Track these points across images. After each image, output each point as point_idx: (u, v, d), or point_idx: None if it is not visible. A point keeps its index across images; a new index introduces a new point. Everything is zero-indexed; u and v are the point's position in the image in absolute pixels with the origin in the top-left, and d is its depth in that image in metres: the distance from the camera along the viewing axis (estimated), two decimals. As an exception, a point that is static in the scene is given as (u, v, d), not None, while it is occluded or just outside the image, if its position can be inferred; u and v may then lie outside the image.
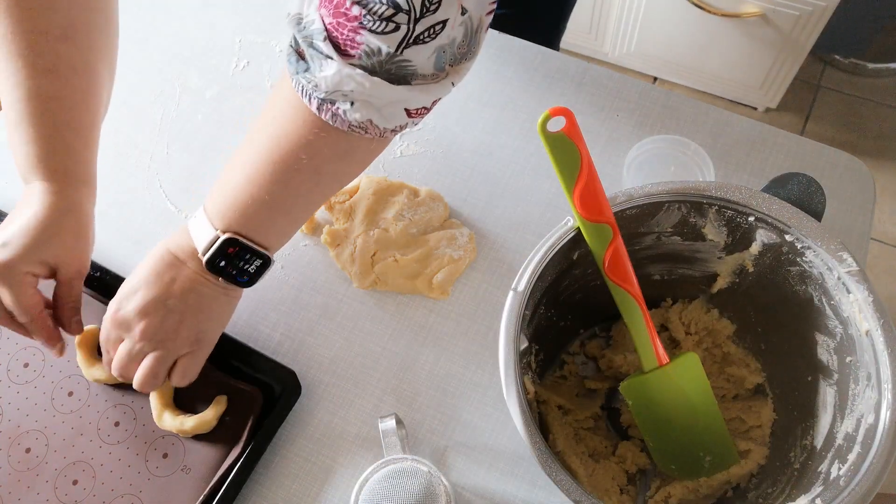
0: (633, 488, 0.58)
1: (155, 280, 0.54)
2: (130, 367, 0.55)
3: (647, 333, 0.52)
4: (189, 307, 0.54)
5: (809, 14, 1.33)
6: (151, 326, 0.53)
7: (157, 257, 0.55)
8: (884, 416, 0.43)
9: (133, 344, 0.54)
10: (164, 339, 0.54)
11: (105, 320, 0.56)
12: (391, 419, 0.53)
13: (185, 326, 0.54)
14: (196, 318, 0.55)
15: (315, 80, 0.45)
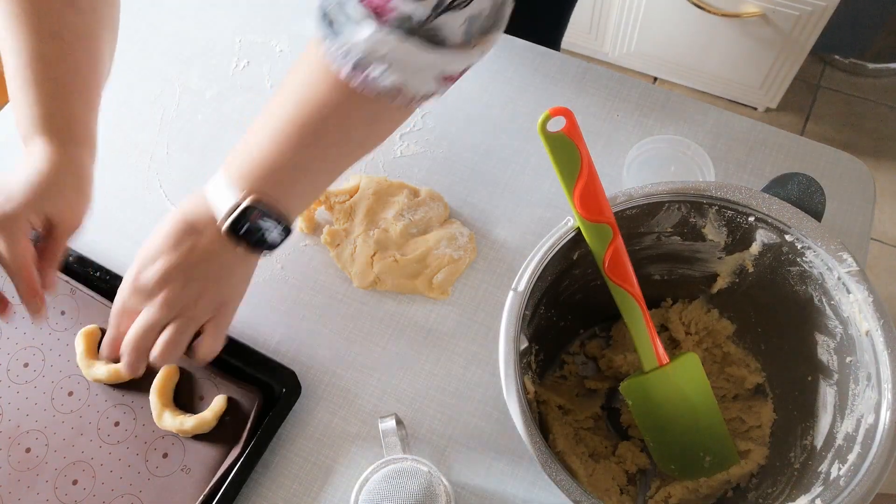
0: (633, 488, 0.58)
1: (174, 248, 0.53)
2: (149, 338, 0.53)
3: (647, 333, 0.52)
4: (210, 275, 0.53)
5: (809, 14, 1.33)
6: (173, 294, 0.52)
7: (174, 225, 0.54)
8: (884, 416, 0.43)
9: (154, 313, 0.53)
10: (186, 308, 0.53)
11: (122, 290, 0.54)
12: (391, 419, 0.53)
13: (207, 295, 0.53)
14: (217, 285, 0.54)
15: (348, 44, 0.45)
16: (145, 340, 0.53)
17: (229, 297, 0.55)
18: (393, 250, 0.65)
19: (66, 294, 0.65)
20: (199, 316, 0.54)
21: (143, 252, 0.54)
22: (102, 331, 0.64)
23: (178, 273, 0.52)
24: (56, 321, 0.65)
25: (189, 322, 0.53)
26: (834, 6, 1.30)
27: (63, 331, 0.64)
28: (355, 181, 0.69)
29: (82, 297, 0.65)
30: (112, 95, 0.79)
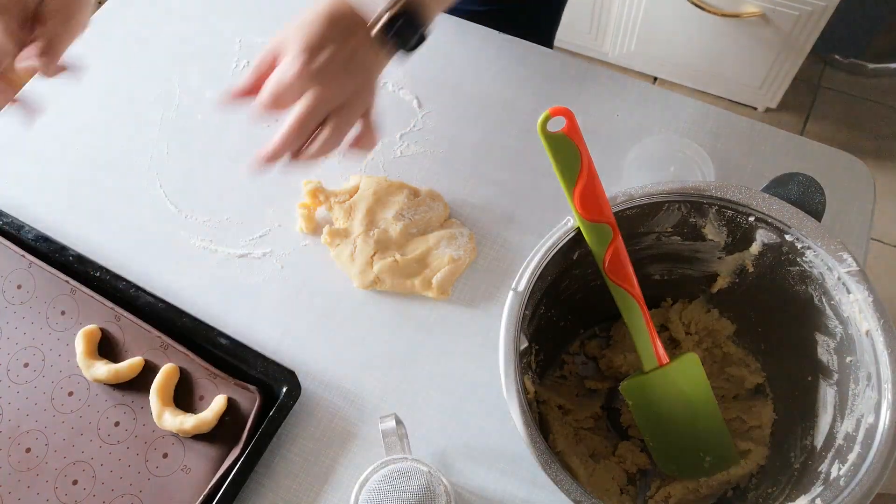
0: (633, 488, 0.58)
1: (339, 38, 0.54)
2: (316, 118, 0.54)
3: (647, 333, 0.52)
4: (364, 64, 0.56)
5: (809, 14, 1.33)
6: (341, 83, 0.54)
7: (330, 15, 0.54)
8: (884, 416, 0.43)
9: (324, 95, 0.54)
10: (347, 99, 0.55)
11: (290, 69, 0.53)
12: (391, 419, 0.53)
13: (364, 89, 0.56)
14: (369, 75, 0.56)
15: None
16: (313, 119, 0.54)
17: (371, 101, 0.58)
18: (393, 250, 0.65)
19: (66, 294, 0.65)
20: (357, 110, 0.56)
21: (302, 38, 0.54)
22: (102, 330, 0.64)
23: (343, 63, 0.54)
24: (56, 321, 0.65)
25: (350, 115, 0.56)
26: (834, 6, 1.30)
27: (63, 331, 0.64)
28: (355, 181, 0.69)
29: (82, 297, 0.65)
30: (112, 95, 0.79)
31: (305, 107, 0.54)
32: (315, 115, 0.54)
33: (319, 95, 0.54)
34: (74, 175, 0.75)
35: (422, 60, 0.76)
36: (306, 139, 0.55)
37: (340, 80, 0.54)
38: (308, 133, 0.55)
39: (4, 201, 0.73)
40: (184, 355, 0.61)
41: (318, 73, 0.54)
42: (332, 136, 0.55)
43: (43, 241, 0.68)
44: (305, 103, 0.54)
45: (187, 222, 0.71)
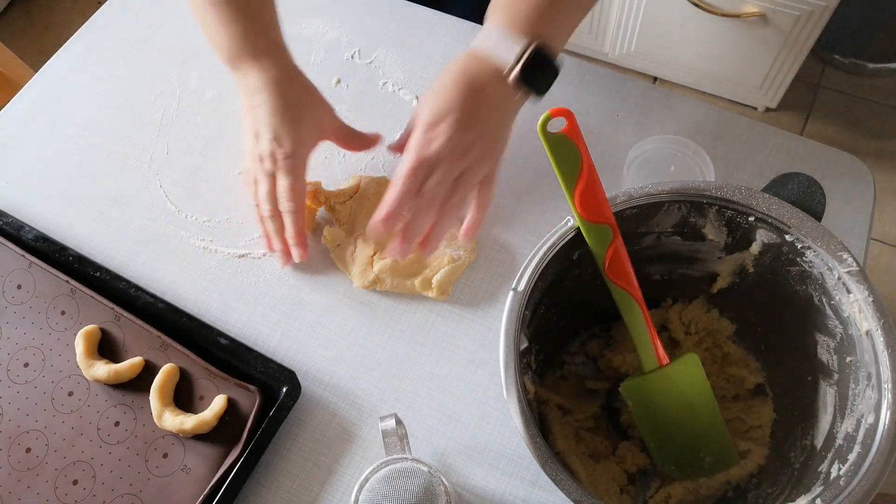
0: (633, 488, 0.58)
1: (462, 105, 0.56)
2: (440, 189, 0.56)
3: (647, 334, 0.52)
4: (492, 129, 0.58)
5: (809, 14, 1.33)
6: (468, 146, 0.56)
7: (456, 86, 0.56)
8: (884, 416, 0.43)
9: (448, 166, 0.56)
10: (477, 160, 0.57)
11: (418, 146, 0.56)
12: (391, 419, 0.53)
13: (490, 147, 0.58)
14: (497, 140, 0.59)
15: None
16: (441, 189, 0.56)
17: (500, 153, 0.60)
18: None
19: (66, 294, 0.65)
20: (485, 167, 0.58)
21: (432, 112, 0.57)
22: (102, 330, 0.64)
23: (470, 126, 0.56)
24: (56, 321, 0.65)
25: (476, 175, 0.58)
26: (834, 6, 1.30)
27: (63, 331, 0.64)
28: (355, 181, 0.69)
29: (82, 297, 0.65)
30: (112, 95, 0.79)
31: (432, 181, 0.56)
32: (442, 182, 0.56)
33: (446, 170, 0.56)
34: (74, 175, 0.75)
35: (422, 60, 0.77)
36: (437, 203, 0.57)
37: (465, 149, 0.56)
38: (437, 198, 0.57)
39: (4, 201, 0.73)
40: (184, 355, 0.61)
41: (443, 146, 0.56)
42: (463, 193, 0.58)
43: (43, 241, 0.68)
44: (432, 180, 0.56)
45: (187, 222, 0.71)
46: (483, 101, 0.57)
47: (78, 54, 0.83)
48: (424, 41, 0.79)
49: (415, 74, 0.77)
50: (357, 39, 0.80)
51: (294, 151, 0.60)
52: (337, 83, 0.78)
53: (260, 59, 0.61)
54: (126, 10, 0.86)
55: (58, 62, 0.83)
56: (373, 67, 0.78)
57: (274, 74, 0.60)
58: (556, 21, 0.57)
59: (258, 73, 0.60)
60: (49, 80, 0.81)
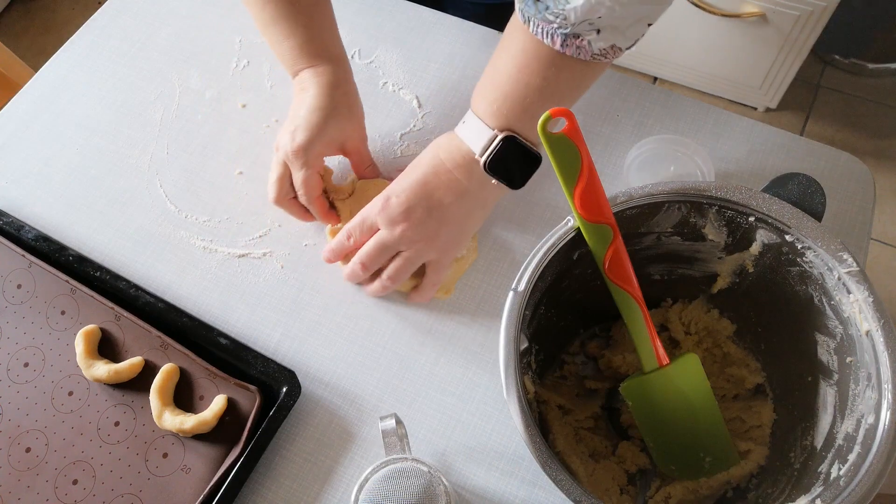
0: (633, 488, 0.58)
1: (422, 185, 0.58)
2: (381, 257, 0.60)
3: (647, 334, 0.52)
4: (450, 216, 0.59)
5: (809, 14, 1.33)
6: (411, 229, 0.58)
7: (428, 163, 0.59)
8: (884, 416, 0.43)
9: (391, 237, 0.59)
10: (419, 242, 0.59)
11: (368, 210, 0.60)
12: (391, 419, 0.53)
13: (441, 234, 0.59)
14: (453, 227, 0.60)
15: (563, 13, 0.49)
16: (378, 257, 0.60)
17: (461, 239, 0.62)
18: None
19: (66, 294, 0.65)
20: (428, 253, 0.60)
21: (396, 183, 0.60)
22: (102, 330, 0.64)
23: (422, 209, 0.58)
24: (56, 321, 0.65)
25: (417, 257, 0.60)
26: (834, 6, 1.30)
27: (63, 331, 0.64)
28: (352, 178, 0.69)
29: (82, 296, 0.65)
30: (112, 95, 0.79)
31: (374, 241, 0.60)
32: (383, 248, 0.60)
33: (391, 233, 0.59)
34: (74, 175, 0.75)
35: (422, 60, 0.77)
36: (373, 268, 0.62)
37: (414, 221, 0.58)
38: (375, 263, 0.61)
39: (4, 201, 0.73)
40: (184, 355, 0.61)
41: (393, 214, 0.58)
42: (399, 268, 0.61)
43: (43, 241, 0.68)
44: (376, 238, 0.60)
45: (187, 222, 0.71)
46: (444, 187, 0.58)
47: (78, 54, 0.83)
48: (424, 41, 0.79)
49: (415, 74, 0.77)
50: (357, 39, 0.80)
51: (304, 147, 0.61)
52: (337, 83, 0.78)
53: (315, 65, 0.64)
54: (126, 10, 0.86)
55: (58, 62, 0.83)
56: (373, 67, 0.78)
57: (324, 79, 0.63)
58: (537, 110, 0.55)
59: (311, 76, 0.64)
60: (49, 80, 0.81)
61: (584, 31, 0.50)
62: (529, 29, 0.53)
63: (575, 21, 0.49)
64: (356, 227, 0.61)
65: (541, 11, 0.50)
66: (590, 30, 0.50)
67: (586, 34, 0.50)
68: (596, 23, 0.49)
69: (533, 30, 0.52)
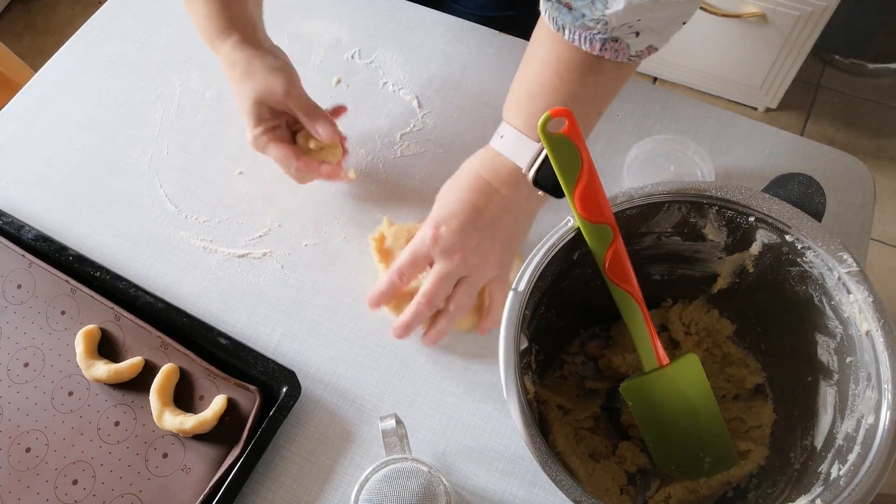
0: (633, 488, 0.58)
1: (471, 208, 0.57)
2: (443, 291, 0.58)
3: (648, 334, 0.52)
4: (502, 230, 0.58)
5: (809, 14, 1.33)
6: (469, 254, 0.57)
7: (471, 184, 0.57)
8: (884, 416, 0.43)
9: (449, 268, 0.57)
10: (478, 265, 0.57)
11: (417, 246, 0.58)
12: (391, 419, 0.53)
13: (496, 251, 0.58)
14: (507, 242, 0.59)
15: (604, 17, 0.49)
16: (441, 291, 0.58)
17: (513, 254, 0.60)
18: None
19: (66, 294, 0.65)
20: (487, 273, 0.59)
21: (439, 209, 0.58)
22: (102, 330, 0.64)
23: (476, 233, 0.57)
24: (56, 321, 0.65)
25: (478, 279, 0.59)
26: (834, 6, 1.30)
27: (63, 331, 0.64)
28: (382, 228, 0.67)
29: (82, 296, 0.65)
30: (112, 95, 0.79)
31: (433, 276, 0.57)
32: (444, 280, 0.57)
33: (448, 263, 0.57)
34: (74, 175, 0.75)
35: (422, 60, 0.77)
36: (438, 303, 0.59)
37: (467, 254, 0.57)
38: (439, 298, 0.58)
39: (4, 201, 0.73)
40: (184, 355, 0.61)
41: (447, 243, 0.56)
42: (467, 293, 0.59)
43: (43, 241, 0.68)
44: (434, 273, 0.58)
45: (187, 222, 0.71)
46: (492, 205, 0.57)
47: (78, 54, 0.83)
48: (424, 41, 0.79)
49: (415, 74, 0.77)
50: (357, 39, 0.80)
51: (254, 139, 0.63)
52: (337, 83, 0.78)
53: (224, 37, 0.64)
54: (126, 10, 0.86)
55: (58, 62, 0.83)
56: (373, 67, 0.78)
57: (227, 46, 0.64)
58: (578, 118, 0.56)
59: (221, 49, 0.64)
60: (49, 80, 0.81)
61: (624, 35, 0.50)
62: (565, 36, 0.52)
63: (616, 25, 0.49)
64: (406, 266, 0.58)
65: (578, 19, 0.50)
66: (629, 33, 0.50)
67: (625, 37, 0.50)
68: (636, 25, 0.49)
69: (569, 37, 0.52)
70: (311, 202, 0.71)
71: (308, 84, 0.78)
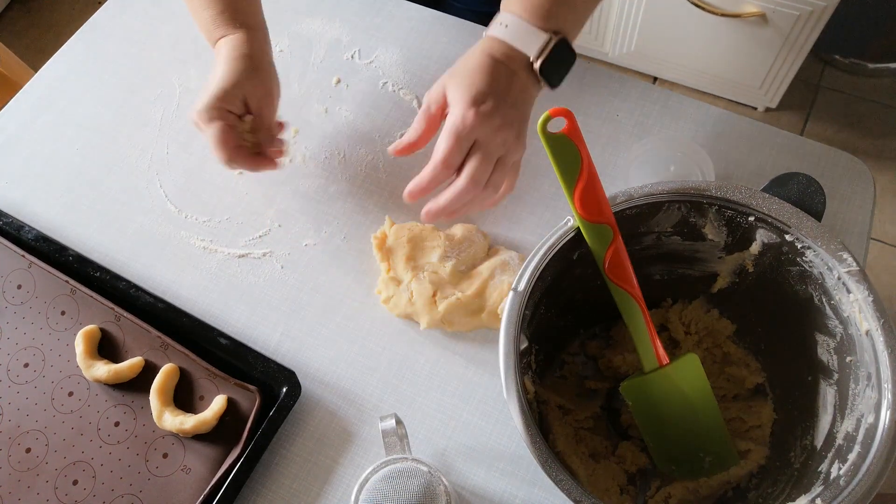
0: (633, 488, 0.58)
1: (502, 89, 0.57)
2: (487, 173, 0.57)
3: (648, 334, 0.52)
4: (523, 114, 0.59)
5: (809, 14, 1.33)
6: (506, 129, 0.57)
7: (494, 67, 0.57)
8: (884, 416, 0.43)
9: (491, 147, 0.57)
10: (512, 144, 0.58)
11: (457, 132, 0.56)
12: (391, 419, 0.53)
13: (523, 132, 0.59)
14: (525, 125, 0.60)
15: None
16: (486, 172, 0.57)
17: (525, 139, 0.60)
18: (450, 289, 0.63)
19: (66, 294, 0.65)
20: (519, 152, 0.59)
21: (472, 89, 0.57)
22: (102, 330, 0.64)
23: (506, 110, 0.57)
24: (56, 321, 0.65)
25: (511, 159, 0.59)
26: (834, 6, 1.30)
27: (63, 331, 0.64)
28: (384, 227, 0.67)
29: (82, 297, 0.65)
30: (112, 95, 0.79)
31: (478, 163, 0.56)
32: (487, 164, 0.57)
33: (488, 151, 0.56)
34: (74, 175, 0.75)
35: (422, 60, 0.77)
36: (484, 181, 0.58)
37: (504, 133, 0.57)
38: (485, 178, 0.57)
39: (4, 201, 0.73)
40: (184, 355, 0.61)
41: (485, 129, 0.56)
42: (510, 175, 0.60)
43: (43, 241, 0.68)
44: (478, 159, 0.56)
45: (187, 222, 0.71)
46: (514, 87, 0.58)
47: (78, 54, 0.83)
48: (424, 41, 0.79)
49: (415, 74, 0.77)
50: (357, 39, 0.80)
51: (202, 108, 0.63)
52: (337, 83, 0.78)
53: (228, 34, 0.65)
54: (126, 10, 0.86)
55: (58, 62, 0.83)
56: (373, 67, 0.78)
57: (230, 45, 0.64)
58: (572, 12, 0.58)
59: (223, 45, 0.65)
60: (49, 80, 0.81)
61: None
62: None
63: None
64: (453, 152, 0.56)
65: None
66: None
67: None
68: None
69: None
70: (311, 202, 0.71)
71: (308, 84, 0.78)
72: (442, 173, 0.57)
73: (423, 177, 0.57)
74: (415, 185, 0.58)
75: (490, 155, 0.57)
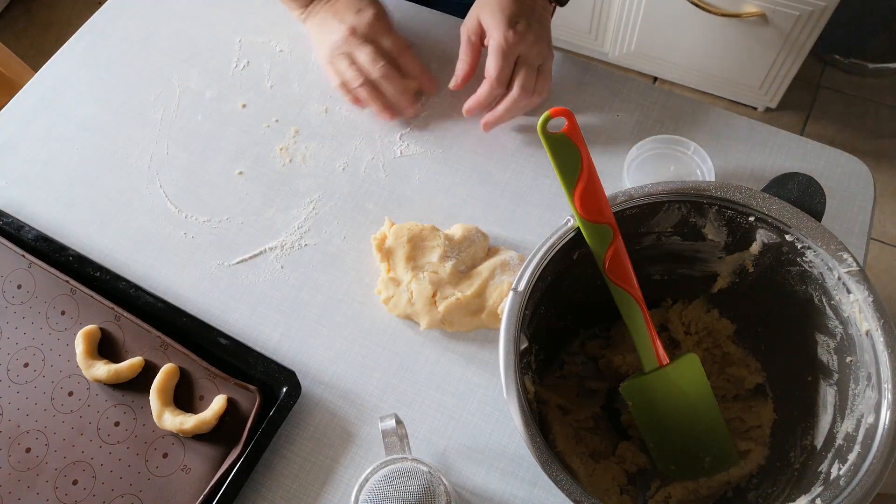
0: (633, 488, 0.58)
1: (529, 11, 0.67)
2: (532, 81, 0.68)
3: (648, 334, 0.52)
4: (546, 28, 0.70)
5: (809, 14, 1.33)
6: (541, 44, 0.68)
7: None
8: (884, 416, 0.43)
9: (531, 59, 0.67)
10: (546, 56, 0.69)
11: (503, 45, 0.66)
12: (391, 419, 0.53)
13: (550, 44, 0.70)
14: (549, 35, 0.70)
15: None
16: (532, 81, 0.68)
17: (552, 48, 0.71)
18: (450, 288, 0.63)
19: (66, 294, 0.65)
20: (550, 63, 0.70)
21: (505, 12, 0.66)
22: (102, 330, 0.64)
23: (537, 28, 0.67)
24: (56, 321, 0.65)
25: (547, 67, 0.70)
26: (834, 6, 1.30)
27: (63, 331, 0.64)
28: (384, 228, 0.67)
29: (82, 297, 0.65)
30: (112, 95, 0.79)
31: (526, 74, 0.67)
32: (532, 71, 0.68)
33: (530, 63, 0.67)
34: (74, 175, 0.75)
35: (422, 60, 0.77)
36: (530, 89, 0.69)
37: (539, 46, 0.67)
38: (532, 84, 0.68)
39: (4, 201, 0.73)
40: (184, 355, 0.61)
41: (524, 45, 0.66)
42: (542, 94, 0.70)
43: (43, 241, 0.68)
44: (526, 72, 0.67)
45: (187, 222, 0.71)
46: (537, 7, 0.68)
47: (78, 54, 0.83)
48: (424, 41, 0.79)
49: (415, 74, 0.77)
50: (357, 39, 0.80)
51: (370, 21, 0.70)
52: (337, 83, 0.78)
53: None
54: (126, 10, 0.86)
55: (58, 62, 0.83)
56: (373, 67, 0.78)
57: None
58: None
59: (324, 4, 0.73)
60: (49, 80, 0.81)
61: None
62: None
63: None
64: (503, 69, 0.66)
65: None
66: None
67: None
68: None
69: None
70: (311, 202, 0.71)
71: (308, 84, 0.78)
72: (497, 89, 0.67)
73: (480, 94, 0.68)
74: (474, 101, 0.69)
75: (532, 66, 0.67)
